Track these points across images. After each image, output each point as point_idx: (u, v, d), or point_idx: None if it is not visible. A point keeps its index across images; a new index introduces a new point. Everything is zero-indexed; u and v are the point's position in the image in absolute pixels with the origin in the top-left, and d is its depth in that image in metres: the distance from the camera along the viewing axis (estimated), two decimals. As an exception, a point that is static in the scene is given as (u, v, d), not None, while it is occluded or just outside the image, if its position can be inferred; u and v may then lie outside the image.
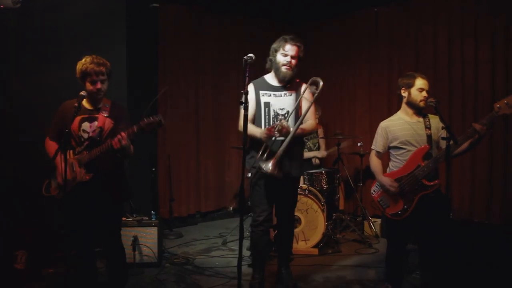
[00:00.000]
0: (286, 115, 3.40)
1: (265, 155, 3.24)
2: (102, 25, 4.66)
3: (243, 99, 2.87)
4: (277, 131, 3.18)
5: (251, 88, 3.47)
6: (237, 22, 6.16)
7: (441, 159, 3.13)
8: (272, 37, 3.58)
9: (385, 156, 3.49)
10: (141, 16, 5.39)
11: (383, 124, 3.47)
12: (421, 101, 3.28)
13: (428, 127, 3.27)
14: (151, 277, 3.96)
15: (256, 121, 3.46)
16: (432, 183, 3.17)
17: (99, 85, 3.01)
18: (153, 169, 5.41)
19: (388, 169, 3.44)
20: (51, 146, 3.14)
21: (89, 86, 3.01)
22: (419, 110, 3.35)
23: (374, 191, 3.46)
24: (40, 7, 4.31)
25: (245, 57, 3.00)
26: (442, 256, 3.28)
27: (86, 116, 3.07)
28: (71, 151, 3.04)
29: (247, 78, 2.92)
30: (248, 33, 6.25)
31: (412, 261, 3.85)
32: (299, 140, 3.55)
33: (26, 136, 4.06)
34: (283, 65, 3.38)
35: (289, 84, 3.48)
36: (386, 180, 3.31)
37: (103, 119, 3.07)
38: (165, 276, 3.99)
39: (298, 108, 3.43)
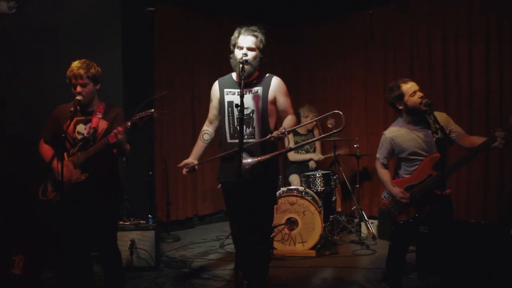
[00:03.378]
0: (251, 114, 3.11)
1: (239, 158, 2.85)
2: (98, 28, 4.66)
3: (238, 102, 2.85)
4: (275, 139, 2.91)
5: (215, 86, 3.28)
6: (232, 24, 6.09)
7: (452, 170, 3.14)
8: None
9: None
10: (137, 19, 5.39)
11: (389, 135, 3.35)
12: (420, 103, 3.17)
13: (435, 132, 3.13)
14: (148, 280, 3.96)
15: (220, 122, 3.27)
16: (444, 193, 3.11)
17: (78, 89, 3.04)
18: (150, 172, 5.41)
19: (396, 174, 3.40)
20: (46, 149, 3.19)
21: (72, 89, 3.08)
22: (421, 114, 3.22)
23: (384, 197, 3.40)
24: (36, 10, 4.30)
25: (241, 60, 3.01)
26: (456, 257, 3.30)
27: (81, 118, 3.11)
28: (65, 153, 3.05)
29: (242, 81, 2.90)
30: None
31: (409, 261, 3.85)
32: (275, 143, 3.09)
33: (23, 139, 4.06)
34: (240, 59, 3.03)
35: (255, 80, 3.17)
36: (397, 192, 3.25)
37: (97, 121, 3.11)
38: (162, 280, 3.98)
39: (266, 103, 3.11)
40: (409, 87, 3.25)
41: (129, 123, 2.93)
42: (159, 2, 5.60)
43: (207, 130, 3.40)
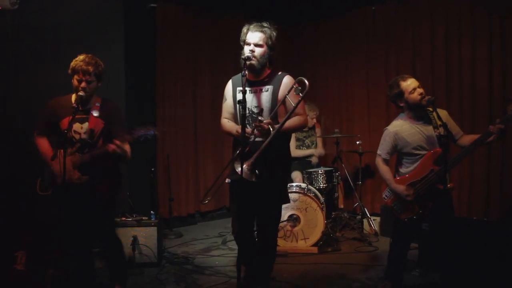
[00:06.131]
0: (260, 113, 3.03)
1: (242, 155, 2.79)
2: (100, 25, 4.66)
3: (241, 99, 2.83)
4: (257, 130, 2.88)
5: (229, 84, 3.24)
6: (235, 22, 6.14)
7: (454, 164, 3.15)
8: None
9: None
10: (139, 16, 5.38)
11: (392, 129, 3.32)
12: (420, 99, 3.18)
13: (436, 127, 3.18)
14: (151, 277, 3.97)
15: (235, 120, 3.20)
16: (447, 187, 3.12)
17: (83, 84, 3.03)
18: (152, 169, 5.41)
19: (396, 172, 3.39)
20: (42, 143, 3.17)
21: (75, 82, 3.05)
22: (422, 110, 3.25)
23: (386, 196, 3.38)
24: (37, 7, 4.30)
25: (243, 56, 2.99)
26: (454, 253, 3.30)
27: (77, 116, 3.05)
28: (61, 150, 3.00)
29: (244, 77, 2.88)
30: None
31: (411, 258, 3.85)
32: (284, 139, 3.14)
33: (23, 136, 4.02)
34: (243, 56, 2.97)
35: (266, 78, 3.11)
36: (401, 190, 3.22)
37: (94, 120, 3.08)
38: (165, 276, 3.99)
39: (275, 103, 3.05)
40: (408, 84, 3.24)
41: (130, 137, 2.91)
42: (160, -1, 5.61)
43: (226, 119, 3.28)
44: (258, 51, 3.03)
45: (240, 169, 2.78)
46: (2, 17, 4.15)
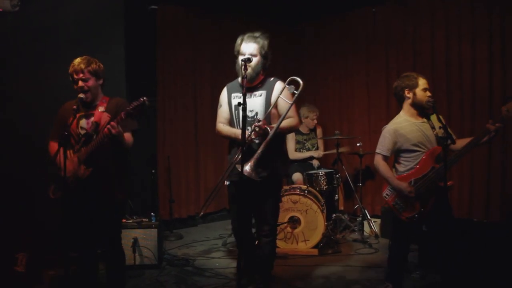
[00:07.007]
0: (255, 117, 3.20)
1: (242, 157, 2.88)
2: (100, 27, 4.66)
3: (241, 101, 2.86)
4: (255, 132, 3.02)
5: (224, 91, 3.40)
6: (235, 23, 6.15)
7: (456, 161, 3.17)
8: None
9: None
10: (140, 17, 5.39)
11: (392, 127, 3.34)
12: (426, 101, 3.24)
13: (433, 128, 3.24)
14: (151, 278, 3.97)
15: (230, 124, 3.34)
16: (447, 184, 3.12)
17: (80, 83, 3.04)
18: (153, 170, 5.42)
19: (395, 171, 3.39)
20: (54, 147, 3.16)
21: (74, 86, 3.08)
22: (422, 111, 3.31)
23: (387, 194, 3.36)
24: (38, 8, 4.30)
25: (243, 58, 3.02)
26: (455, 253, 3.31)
27: (84, 113, 3.10)
28: (71, 150, 3.04)
29: (244, 79, 2.92)
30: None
31: (411, 260, 3.85)
32: (278, 140, 3.24)
33: (24, 138, 4.06)
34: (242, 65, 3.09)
35: (260, 84, 3.28)
36: (405, 186, 3.22)
37: (99, 114, 3.09)
38: (165, 278, 3.99)
39: (268, 107, 3.21)
40: (424, 82, 3.35)
41: (123, 114, 2.92)
42: (161, 0, 5.60)
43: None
44: (253, 60, 3.16)
45: (241, 169, 2.85)
46: (3, 18, 4.16)
